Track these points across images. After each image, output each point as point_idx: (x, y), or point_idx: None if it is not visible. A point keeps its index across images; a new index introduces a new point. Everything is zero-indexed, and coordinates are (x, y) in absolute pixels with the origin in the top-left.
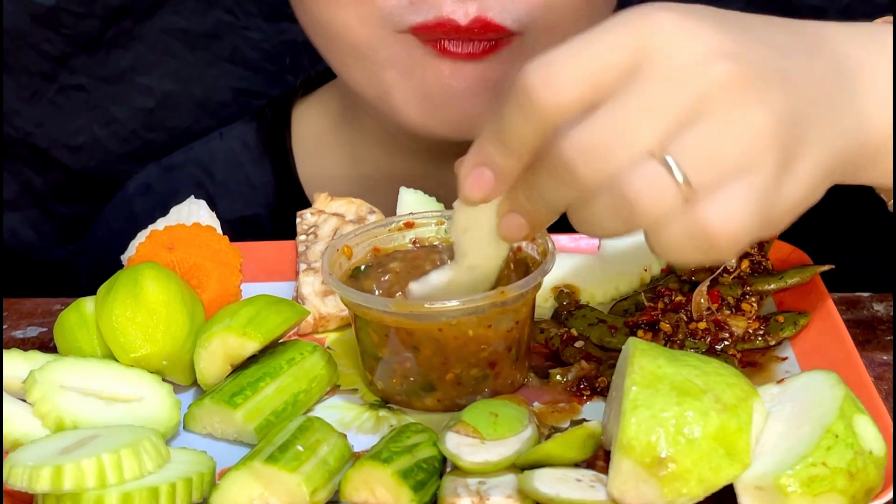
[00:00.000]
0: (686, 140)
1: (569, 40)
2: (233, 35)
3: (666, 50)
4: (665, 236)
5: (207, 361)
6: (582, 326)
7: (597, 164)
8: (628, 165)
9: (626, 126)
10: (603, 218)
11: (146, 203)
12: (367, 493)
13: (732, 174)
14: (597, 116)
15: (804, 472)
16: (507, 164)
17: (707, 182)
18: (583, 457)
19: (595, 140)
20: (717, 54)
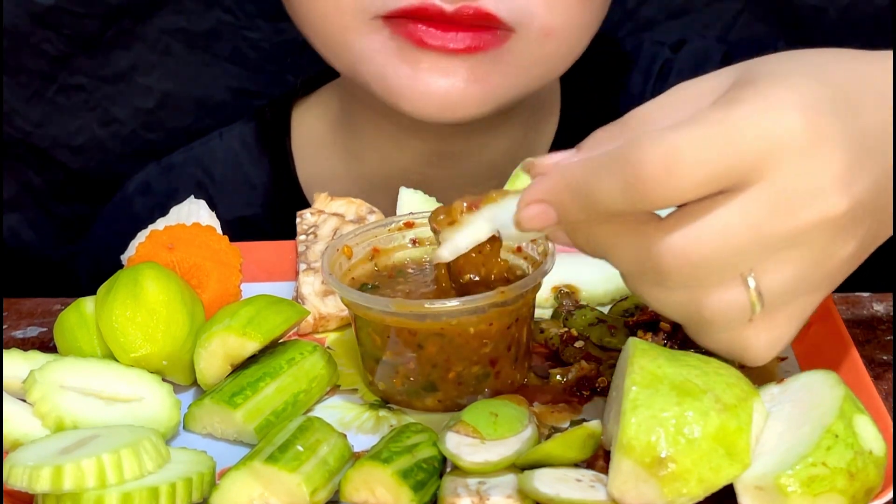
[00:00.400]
0: (775, 267)
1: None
2: (233, 35)
3: (789, 172)
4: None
5: (207, 361)
6: (582, 326)
7: (687, 273)
8: (714, 282)
9: (728, 248)
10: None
11: (146, 203)
12: (367, 493)
13: (796, 297)
14: (703, 227)
15: (804, 472)
16: (578, 217)
17: (775, 305)
18: (583, 457)
19: (694, 253)
20: (833, 188)
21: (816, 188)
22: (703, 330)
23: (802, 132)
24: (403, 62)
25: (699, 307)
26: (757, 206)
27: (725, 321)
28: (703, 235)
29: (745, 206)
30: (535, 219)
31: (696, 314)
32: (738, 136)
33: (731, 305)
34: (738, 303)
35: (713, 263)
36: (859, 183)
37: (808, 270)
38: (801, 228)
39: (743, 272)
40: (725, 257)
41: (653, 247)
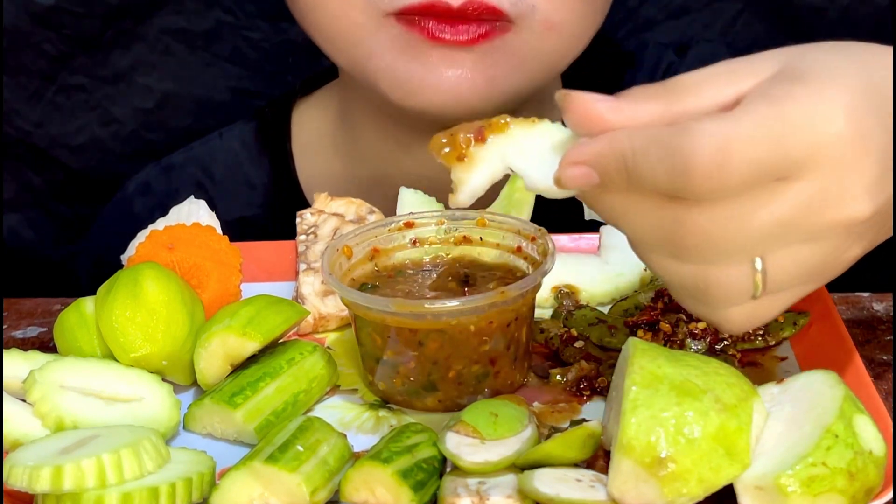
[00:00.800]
0: (786, 257)
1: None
2: (233, 35)
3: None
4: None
5: (207, 361)
6: (582, 326)
7: (704, 251)
8: (727, 262)
9: (751, 235)
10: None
11: (146, 203)
12: (367, 493)
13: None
14: (732, 213)
15: (804, 472)
16: (618, 187)
17: (772, 291)
18: (583, 457)
19: (718, 235)
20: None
21: (848, 193)
22: (699, 300)
23: (847, 138)
24: (413, 59)
25: (706, 281)
26: (789, 203)
27: (726, 298)
28: (731, 221)
29: (778, 201)
30: (576, 179)
31: (700, 286)
32: (787, 137)
33: (735, 284)
34: (741, 283)
35: (732, 246)
36: (885, 191)
37: (816, 266)
38: (822, 227)
39: (754, 256)
40: (744, 242)
41: (679, 222)
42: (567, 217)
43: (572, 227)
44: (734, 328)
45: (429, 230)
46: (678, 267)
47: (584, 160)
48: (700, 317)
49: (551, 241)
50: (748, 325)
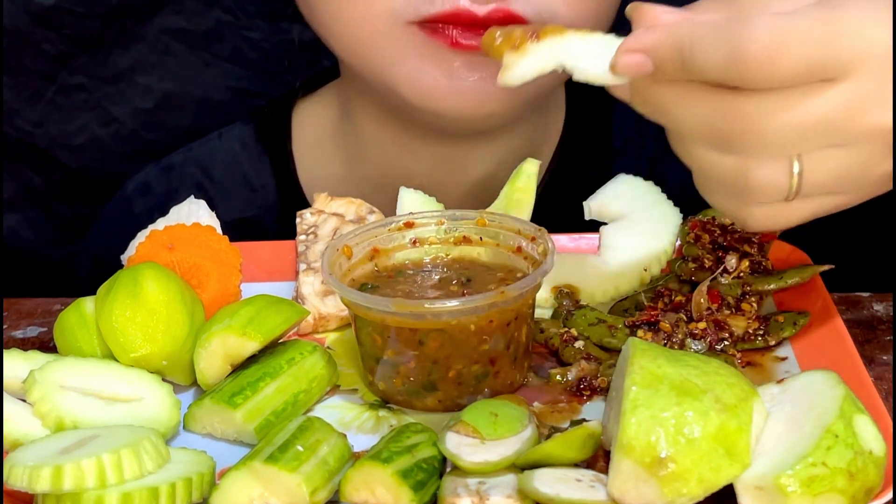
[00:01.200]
0: (825, 160)
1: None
2: (233, 35)
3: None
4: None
5: (207, 361)
6: (582, 326)
7: (751, 141)
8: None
9: (794, 128)
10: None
11: (145, 203)
12: (367, 493)
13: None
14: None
15: (804, 472)
16: (672, 75)
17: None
18: (583, 457)
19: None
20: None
21: (885, 99)
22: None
23: (888, 48)
24: (437, 66)
25: (745, 174)
26: (832, 101)
27: (760, 193)
28: (777, 112)
29: (822, 98)
30: (632, 66)
31: (738, 179)
32: (838, 37)
33: (772, 180)
34: (778, 179)
35: (775, 138)
36: None
37: (850, 173)
38: (860, 131)
39: (793, 155)
40: (787, 135)
41: (728, 109)
42: (567, 217)
43: (572, 227)
44: (756, 226)
45: (429, 230)
46: (719, 158)
47: (641, 48)
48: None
49: (551, 241)
50: (770, 226)
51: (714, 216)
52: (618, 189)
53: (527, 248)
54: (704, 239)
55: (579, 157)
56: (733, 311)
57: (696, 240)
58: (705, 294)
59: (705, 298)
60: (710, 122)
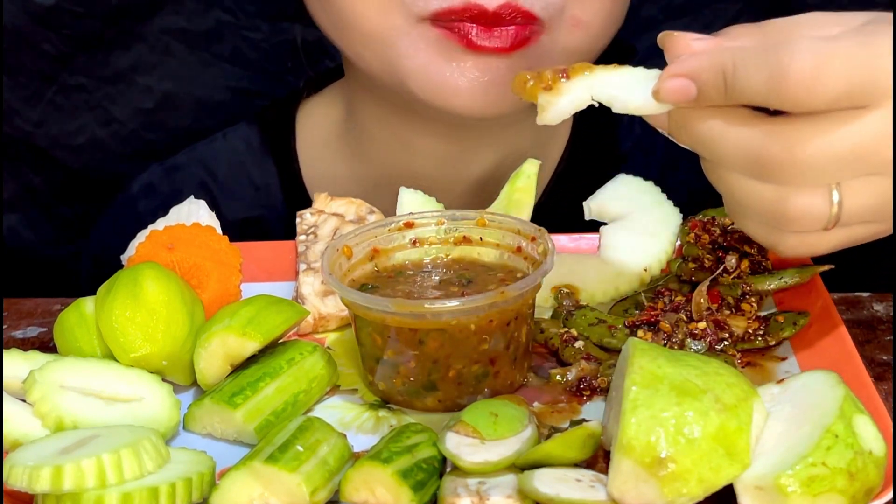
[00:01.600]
0: (862, 188)
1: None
2: (233, 35)
3: None
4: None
5: (207, 361)
6: (582, 326)
7: (788, 167)
8: (807, 184)
9: (834, 155)
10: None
11: (150, 204)
12: (367, 493)
13: (864, 222)
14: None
15: (804, 472)
16: (715, 100)
17: (844, 223)
18: (583, 457)
19: (803, 149)
20: None
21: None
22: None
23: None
24: (448, 61)
25: (784, 203)
26: (871, 126)
27: (799, 223)
28: (817, 139)
29: (861, 124)
30: (676, 92)
31: (778, 209)
32: (878, 61)
33: (811, 210)
34: (818, 209)
35: (815, 165)
36: None
37: (887, 201)
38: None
39: (832, 184)
40: (827, 163)
41: (769, 136)
42: (567, 217)
43: (572, 227)
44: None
45: (429, 230)
46: (758, 187)
47: (685, 73)
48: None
49: (551, 241)
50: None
51: (714, 216)
52: (618, 189)
53: (527, 249)
54: (704, 239)
55: (586, 159)
56: (733, 311)
57: (696, 240)
58: (705, 294)
59: (705, 298)
60: (749, 150)
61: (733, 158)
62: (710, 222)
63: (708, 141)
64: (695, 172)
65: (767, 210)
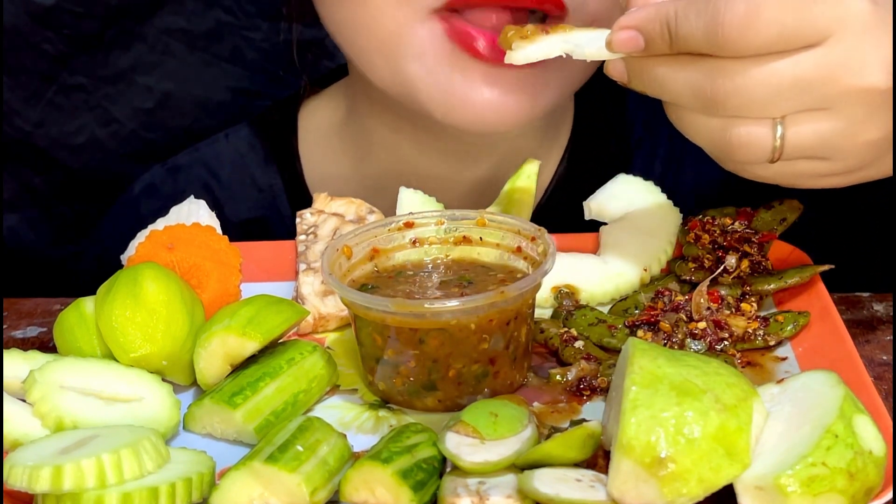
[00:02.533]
0: (807, 124)
1: None
2: (233, 35)
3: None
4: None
5: (207, 361)
6: (582, 326)
7: (732, 103)
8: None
9: (779, 92)
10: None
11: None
12: (366, 493)
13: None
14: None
15: (804, 472)
16: (661, 48)
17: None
18: (583, 457)
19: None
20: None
21: (866, 61)
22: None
23: (867, 13)
24: (455, 69)
25: (730, 135)
26: (810, 64)
27: (746, 154)
28: (757, 75)
29: (800, 61)
30: (625, 42)
31: (725, 140)
32: (812, 4)
33: (756, 141)
34: (762, 140)
35: (757, 98)
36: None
37: (833, 137)
38: (839, 93)
39: (776, 114)
40: (768, 96)
41: (712, 74)
42: (567, 217)
43: (572, 227)
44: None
45: (429, 230)
46: (707, 122)
47: (633, 24)
48: None
49: (551, 241)
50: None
51: (714, 216)
52: (618, 189)
53: (527, 249)
54: (704, 239)
55: (587, 160)
56: (733, 311)
57: (696, 240)
58: (705, 294)
59: (705, 298)
60: (697, 87)
61: (684, 97)
62: (710, 222)
63: (660, 84)
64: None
65: (718, 143)
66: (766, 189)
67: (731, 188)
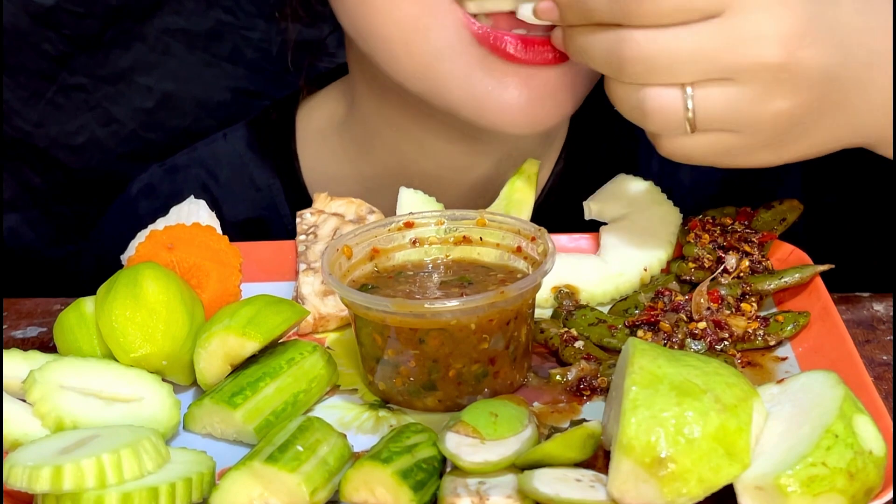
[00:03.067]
0: (715, 92)
1: None
2: (233, 35)
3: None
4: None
5: (207, 361)
6: (582, 326)
7: (640, 68)
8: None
9: (675, 56)
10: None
11: (150, 205)
12: (366, 493)
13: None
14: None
15: (804, 472)
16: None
17: (704, 127)
18: (583, 457)
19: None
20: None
21: (761, 34)
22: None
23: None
24: (488, 74)
25: (641, 101)
26: (711, 33)
27: (662, 122)
28: (660, 39)
29: (700, 30)
30: (544, 12)
31: (637, 107)
32: None
33: (668, 108)
34: (674, 107)
35: (664, 64)
36: (805, 50)
37: (741, 106)
38: (739, 64)
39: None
40: (674, 62)
41: (620, 41)
42: (567, 217)
43: (572, 227)
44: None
45: (429, 230)
46: (624, 89)
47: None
48: None
49: (551, 241)
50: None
51: (714, 216)
52: (618, 189)
53: (527, 249)
54: (704, 239)
55: (585, 160)
56: (733, 311)
57: (696, 240)
58: (705, 294)
59: (705, 298)
60: (609, 54)
61: (602, 65)
62: (710, 222)
63: (582, 52)
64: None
65: (632, 107)
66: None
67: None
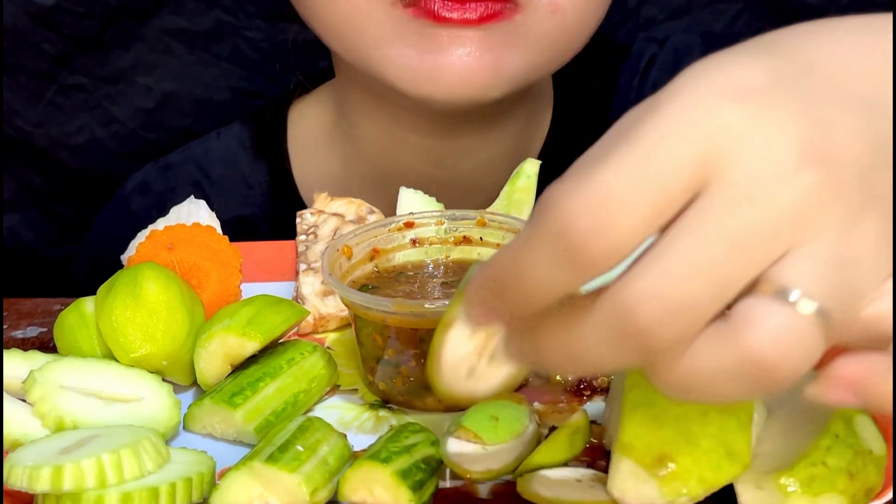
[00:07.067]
0: (799, 267)
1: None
2: (233, 35)
3: (740, 160)
4: None
5: (207, 361)
6: None
7: (678, 323)
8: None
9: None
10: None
11: (143, 202)
12: (365, 493)
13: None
14: (668, 259)
15: (804, 472)
16: (519, 311)
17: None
18: (574, 453)
19: (672, 293)
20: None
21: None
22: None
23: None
24: (422, 44)
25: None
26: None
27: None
28: (674, 269)
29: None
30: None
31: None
32: (667, 150)
33: (787, 328)
34: (791, 322)
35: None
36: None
37: (850, 259)
38: (787, 220)
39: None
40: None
41: (617, 308)
42: None
43: None
44: None
45: (429, 230)
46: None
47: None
48: None
49: None
50: None
51: None
52: None
53: None
54: None
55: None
56: None
57: None
58: None
59: None
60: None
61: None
62: None
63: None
64: None
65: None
66: None
67: None
